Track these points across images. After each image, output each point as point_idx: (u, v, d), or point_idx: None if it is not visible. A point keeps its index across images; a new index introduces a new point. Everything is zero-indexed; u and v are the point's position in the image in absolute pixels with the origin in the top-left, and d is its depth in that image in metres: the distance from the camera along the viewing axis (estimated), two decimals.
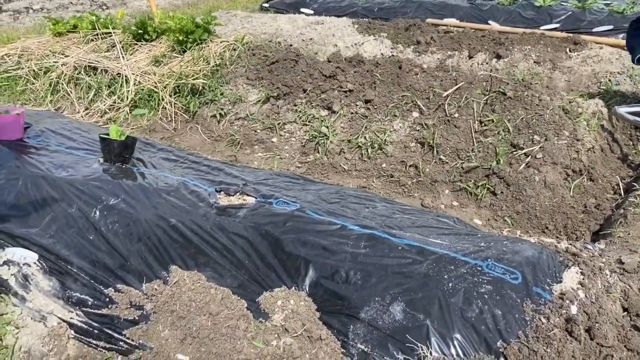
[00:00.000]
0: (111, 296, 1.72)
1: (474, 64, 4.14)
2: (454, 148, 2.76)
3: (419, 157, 2.82)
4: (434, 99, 2.98)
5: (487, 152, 2.69)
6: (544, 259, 1.58)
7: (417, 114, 2.99)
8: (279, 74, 3.51)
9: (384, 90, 3.16)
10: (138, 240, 1.86)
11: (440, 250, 1.59)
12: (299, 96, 3.36)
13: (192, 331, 1.54)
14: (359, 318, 1.47)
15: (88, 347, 1.65)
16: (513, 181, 2.53)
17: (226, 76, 3.73)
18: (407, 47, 4.47)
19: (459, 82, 3.00)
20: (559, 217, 2.42)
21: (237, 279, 1.68)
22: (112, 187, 2.09)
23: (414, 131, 2.93)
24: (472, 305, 1.41)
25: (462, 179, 2.68)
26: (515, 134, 2.68)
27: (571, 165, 2.55)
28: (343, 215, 1.81)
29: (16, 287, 1.85)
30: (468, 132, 2.80)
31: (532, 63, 3.89)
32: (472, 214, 2.55)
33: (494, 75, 2.96)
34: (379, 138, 2.92)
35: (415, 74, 3.21)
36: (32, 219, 2.03)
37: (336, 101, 3.17)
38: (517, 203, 2.49)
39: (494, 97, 2.87)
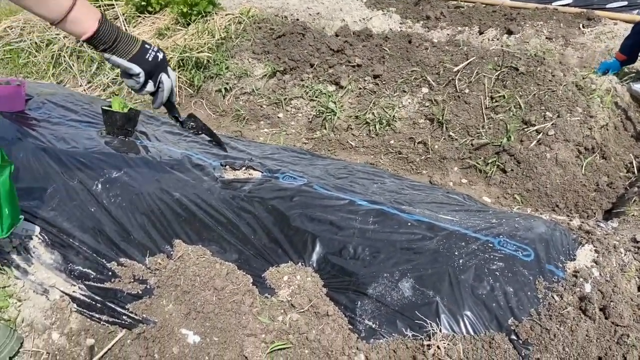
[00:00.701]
0: (114, 270, 1.70)
1: (484, 40, 4.04)
2: (464, 124, 2.70)
3: (427, 134, 2.76)
4: (444, 74, 2.91)
5: (497, 129, 2.63)
6: (557, 236, 1.54)
7: (427, 90, 2.92)
8: (286, 48, 3.43)
9: (393, 65, 3.08)
10: (141, 214, 1.82)
11: (451, 227, 1.55)
12: (305, 71, 3.29)
13: (197, 306, 1.51)
14: (367, 294, 1.43)
15: (91, 321, 1.63)
16: (524, 158, 2.47)
17: (231, 50, 3.65)
18: (416, 23, 4.37)
19: (470, 56, 2.92)
20: (570, 195, 2.37)
21: (243, 254, 1.65)
22: (114, 159, 2.05)
23: (423, 107, 2.87)
24: (483, 282, 1.37)
25: (472, 156, 2.62)
26: (527, 111, 2.62)
27: (583, 143, 2.49)
28: (351, 191, 1.77)
29: (18, 260, 1.82)
30: (478, 108, 2.73)
31: (544, 39, 3.79)
32: (481, 192, 2.50)
33: (506, 50, 2.88)
34: (387, 114, 2.86)
35: (425, 48, 3.13)
36: (34, 192, 1.99)
37: (344, 76, 3.10)
38: (528, 181, 2.43)
39: (505, 72, 2.79)
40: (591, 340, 1.28)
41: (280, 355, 1.36)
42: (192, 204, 1.81)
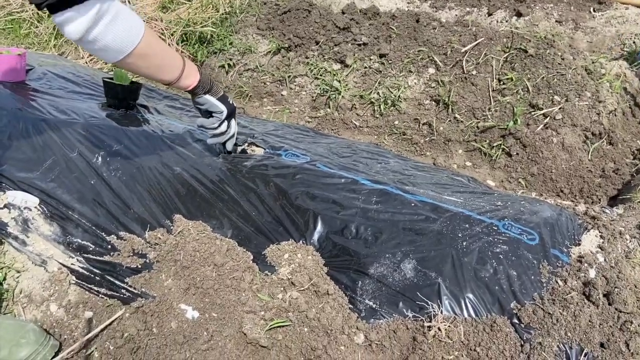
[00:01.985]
0: (113, 243, 1.68)
1: (492, 21, 3.97)
2: (470, 107, 2.66)
3: (433, 115, 2.72)
4: (451, 55, 2.86)
5: (504, 112, 2.59)
6: (562, 220, 1.52)
7: (433, 70, 2.87)
8: (291, 24, 3.37)
9: (400, 44, 3.03)
10: (142, 188, 1.80)
11: (455, 208, 1.53)
12: (310, 48, 3.23)
13: (196, 282, 1.50)
14: (368, 274, 1.42)
15: (89, 294, 1.62)
16: (530, 142, 2.44)
17: (235, 25, 3.59)
18: (424, 2, 4.29)
19: (478, 37, 2.86)
20: (575, 180, 2.34)
21: (243, 231, 1.63)
22: (115, 132, 2.02)
23: (429, 88, 2.82)
24: (487, 265, 1.36)
25: (477, 139, 2.59)
26: (535, 94, 2.57)
27: (591, 128, 2.45)
28: (355, 170, 1.74)
29: (16, 232, 1.81)
30: (485, 91, 2.69)
31: (554, 22, 3.71)
32: (486, 175, 2.47)
33: (516, 32, 2.83)
34: (392, 94, 2.82)
35: (433, 28, 3.07)
36: (33, 163, 1.97)
37: (349, 54, 3.05)
38: (533, 165, 2.40)
39: (514, 54, 2.74)
40: (594, 326, 1.27)
41: (279, 332, 1.35)
42: (193, 179, 1.79)
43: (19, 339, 1.33)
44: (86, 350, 1.46)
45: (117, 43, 1.27)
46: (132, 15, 1.30)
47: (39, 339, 1.36)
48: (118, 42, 1.27)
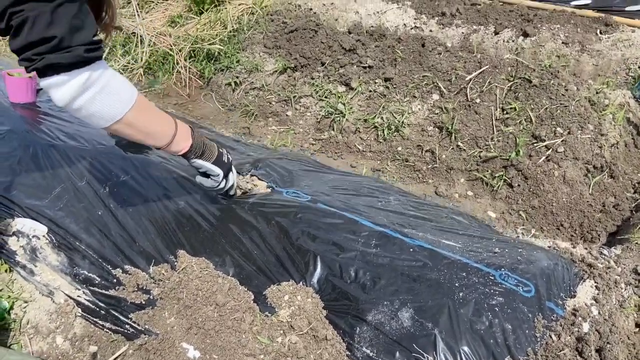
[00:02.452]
0: (118, 277, 1.72)
1: (499, 40, 3.98)
2: (473, 135, 2.69)
3: (436, 142, 2.74)
4: (455, 81, 2.88)
5: (506, 142, 2.61)
6: (559, 270, 1.54)
7: (437, 97, 2.90)
8: (298, 43, 3.40)
9: (405, 68, 3.05)
10: (147, 221, 1.84)
11: (453, 255, 1.56)
12: (316, 69, 3.26)
13: (198, 322, 1.53)
14: (367, 321, 1.45)
15: (94, 327, 1.66)
16: (531, 174, 2.46)
17: (243, 42, 3.62)
18: (431, 19, 4.30)
19: (483, 65, 2.89)
20: (575, 214, 2.36)
21: (245, 269, 1.66)
22: (122, 162, 2.06)
23: (432, 114, 2.85)
24: (482, 317, 1.39)
25: (479, 169, 2.61)
26: (538, 125, 2.60)
27: (592, 161, 2.48)
28: (355, 209, 1.78)
29: (24, 260, 1.85)
30: (489, 120, 2.71)
31: (560, 44, 3.72)
32: (487, 206, 2.50)
33: (520, 61, 2.85)
34: (396, 119, 2.85)
35: (438, 53, 3.10)
36: (42, 190, 2.02)
37: (355, 77, 3.08)
38: (534, 197, 2.43)
39: (518, 83, 2.76)
40: None
41: None
42: (197, 214, 1.83)
43: None
44: None
45: (103, 113, 1.24)
46: (123, 84, 1.28)
47: None
48: (104, 112, 1.24)
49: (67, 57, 1.11)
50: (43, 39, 1.08)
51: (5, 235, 1.92)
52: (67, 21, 1.10)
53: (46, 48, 1.09)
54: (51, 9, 1.07)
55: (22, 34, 1.07)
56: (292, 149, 2.88)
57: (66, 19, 1.10)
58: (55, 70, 1.12)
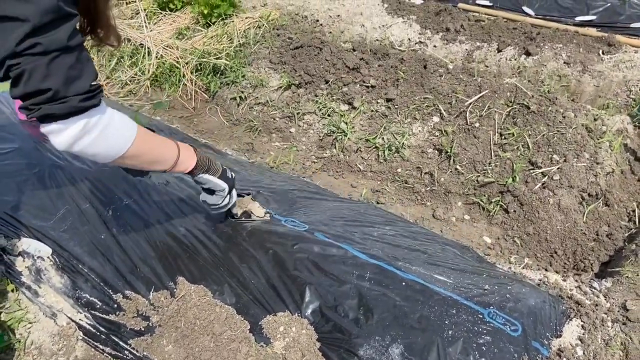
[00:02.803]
0: (119, 302, 1.78)
1: (502, 58, 4.02)
2: (471, 159, 2.73)
3: (435, 165, 2.79)
4: (456, 104, 2.92)
5: (504, 168, 2.65)
6: (546, 309, 1.59)
7: (438, 119, 2.94)
8: (302, 60, 3.45)
9: (407, 89, 3.10)
10: (148, 246, 1.89)
11: (444, 292, 1.60)
12: (320, 87, 3.31)
13: (195, 352, 1.59)
14: (358, 355, 1.50)
15: (95, 351, 1.72)
16: (527, 201, 2.50)
17: (249, 57, 3.67)
18: (435, 34, 4.34)
19: (483, 89, 2.93)
20: (569, 242, 2.40)
21: (242, 298, 1.71)
22: (125, 185, 2.11)
23: (432, 137, 2.89)
24: (470, 356, 1.43)
25: (476, 193, 2.65)
26: (535, 151, 2.64)
27: (588, 189, 2.51)
28: (352, 240, 1.82)
29: (29, 281, 1.91)
30: (487, 144, 2.75)
31: (562, 63, 3.75)
32: (483, 230, 2.54)
33: (519, 87, 2.88)
34: (397, 140, 2.89)
35: (440, 75, 3.14)
36: (48, 211, 2.07)
37: (357, 97, 3.13)
38: (529, 224, 2.47)
39: (517, 109, 2.80)
40: None
41: None
42: (197, 241, 1.88)
43: None
44: None
45: (105, 153, 1.28)
46: (122, 123, 1.31)
47: None
48: (106, 152, 1.28)
49: (62, 108, 1.14)
50: (39, 91, 1.11)
51: (12, 255, 1.98)
52: (62, 73, 1.13)
53: (42, 99, 1.12)
54: (47, 62, 1.09)
55: (20, 86, 1.10)
56: (294, 167, 2.93)
57: (62, 70, 1.12)
58: (53, 119, 1.15)
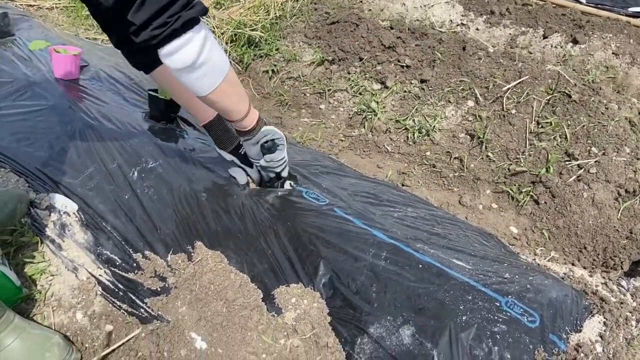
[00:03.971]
0: (138, 262, 1.80)
1: (547, 45, 3.86)
2: (504, 147, 2.64)
3: (465, 150, 2.71)
4: (493, 89, 2.83)
5: (538, 157, 2.56)
6: (567, 303, 1.53)
7: (472, 103, 2.85)
8: (338, 36, 3.39)
9: (443, 71, 3.01)
10: (170, 209, 1.91)
11: (461, 277, 1.56)
12: (354, 64, 3.25)
13: (207, 315, 1.60)
14: (368, 333, 1.48)
15: (112, 307, 1.74)
16: (559, 193, 2.41)
17: (284, 30, 3.64)
18: (478, 17, 4.19)
19: (523, 75, 2.82)
20: (600, 239, 2.31)
21: (257, 267, 1.71)
22: (152, 148, 2.13)
23: (465, 121, 2.81)
24: (482, 343, 1.40)
25: (506, 182, 2.57)
26: (572, 142, 2.53)
27: (625, 185, 2.40)
28: (371, 219, 1.79)
29: (54, 235, 1.95)
30: (522, 132, 2.66)
31: (610, 54, 3.58)
32: (510, 220, 2.47)
33: (562, 74, 2.76)
34: (428, 123, 2.82)
35: (479, 58, 3.04)
36: (76, 169, 2.11)
37: (391, 76, 3.06)
38: (559, 217, 2.38)
39: (557, 97, 2.69)
40: None
41: None
42: (219, 207, 1.88)
43: (44, 352, 1.47)
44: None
45: (219, 64, 1.31)
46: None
47: (62, 354, 1.49)
48: (220, 63, 1.31)
49: (196, 12, 1.18)
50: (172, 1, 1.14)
51: (40, 209, 2.03)
52: None
53: (178, 7, 1.15)
54: None
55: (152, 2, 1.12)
56: (321, 144, 2.90)
57: None
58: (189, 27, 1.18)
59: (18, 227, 1.95)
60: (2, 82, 2.55)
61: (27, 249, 1.90)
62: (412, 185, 2.65)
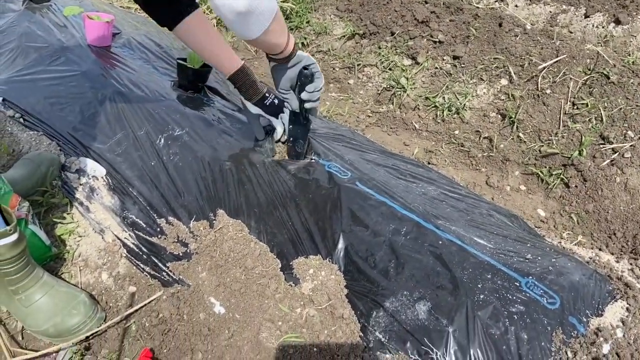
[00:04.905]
0: (162, 227, 1.84)
1: (588, 25, 3.71)
2: (537, 128, 2.57)
3: (496, 130, 2.65)
4: (528, 68, 2.74)
5: (571, 140, 2.48)
6: (590, 287, 1.49)
7: (506, 82, 2.77)
8: (370, 9, 3.33)
9: (477, 48, 2.93)
10: (194, 177, 1.93)
11: (482, 256, 1.54)
12: (385, 38, 3.19)
13: (226, 281, 1.62)
14: (384, 307, 1.48)
15: (136, 269, 1.79)
16: (591, 177, 2.34)
17: (315, 2, 3.59)
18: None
19: (560, 53, 2.72)
20: (630, 225, 2.24)
21: (277, 237, 1.73)
22: (179, 117, 2.15)
23: (497, 100, 2.74)
24: (499, 322, 1.38)
25: (537, 163, 2.51)
26: (608, 125, 2.44)
27: None
28: (393, 193, 1.78)
29: (82, 197, 2.00)
30: (556, 113, 2.58)
31: None
32: (538, 203, 2.41)
33: (601, 54, 2.65)
34: (458, 101, 2.76)
35: (515, 35, 2.94)
36: (105, 134, 2.15)
37: (422, 52, 3.00)
38: (590, 202, 2.32)
39: (595, 78, 2.59)
40: None
41: (291, 347, 1.46)
42: (243, 175, 1.90)
43: (70, 309, 1.52)
44: (126, 322, 1.64)
45: (268, 5, 1.36)
46: None
47: (87, 312, 1.54)
48: (269, 4, 1.36)
49: None
50: None
51: (70, 172, 2.08)
52: None
53: None
54: None
55: None
56: (348, 119, 2.88)
57: None
58: None
59: (49, 188, 2.01)
60: (37, 47, 2.60)
61: (57, 210, 1.96)
62: (439, 163, 2.61)
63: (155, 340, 1.56)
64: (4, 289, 1.47)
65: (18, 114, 2.32)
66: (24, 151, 2.17)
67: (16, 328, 1.62)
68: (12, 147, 2.21)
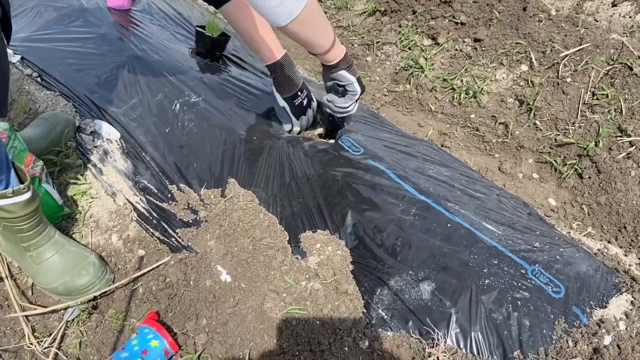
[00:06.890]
0: (173, 193, 1.85)
1: (614, 14, 3.61)
2: (554, 116, 2.53)
3: (512, 116, 2.62)
4: (550, 54, 2.68)
5: (588, 130, 2.44)
6: (596, 278, 1.49)
7: (526, 68, 2.72)
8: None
9: (499, 31, 2.87)
10: (208, 145, 1.94)
11: (489, 241, 1.54)
12: (406, 17, 3.14)
13: (234, 251, 1.64)
14: (388, 285, 1.49)
15: (145, 233, 1.81)
16: (606, 169, 2.31)
17: None
18: None
19: (584, 42, 2.66)
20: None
21: (286, 210, 1.74)
22: (195, 84, 2.15)
23: (516, 86, 2.70)
24: (502, 308, 1.39)
25: (551, 152, 2.48)
26: (627, 118, 2.40)
27: None
28: (404, 174, 1.77)
29: (96, 160, 2.02)
30: (575, 102, 2.54)
31: None
32: (550, 192, 2.39)
33: (626, 44, 2.59)
34: (476, 84, 2.73)
35: (539, 20, 2.87)
36: (121, 98, 2.16)
37: (443, 32, 2.95)
38: (602, 194, 2.29)
39: (617, 69, 2.53)
40: None
41: (294, 318, 1.48)
42: (255, 147, 1.90)
43: (80, 270, 1.55)
44: (134, 284, 1.67)
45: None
46: None
47: (97, 273, 1.57)
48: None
49: None
50: None
51: (85, 134, 2.10)
52: None
53: None
54: None
55: None
56: (364, 97, 2.85)
57: None
58: None
59: (63, 149, 2.03)
60: (57, 7, 2.60)
61: (71, 171, 1.99)
62: (452, 147, 2.59)
63: (162, 304, 1.59)
64: (17, 246, 1.50)
65: (35, 73, 2.33)
66: (40, 110, 2.19)
67: (26, 284, 1.66)
68: (29, 105, 2.22)
